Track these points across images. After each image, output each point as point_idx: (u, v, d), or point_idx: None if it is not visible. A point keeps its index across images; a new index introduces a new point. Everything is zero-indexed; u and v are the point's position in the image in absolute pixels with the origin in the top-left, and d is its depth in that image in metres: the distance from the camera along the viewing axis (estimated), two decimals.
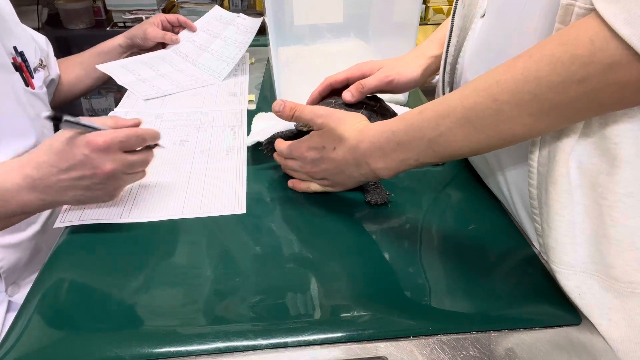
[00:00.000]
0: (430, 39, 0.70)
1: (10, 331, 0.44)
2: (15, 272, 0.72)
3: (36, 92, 0.80)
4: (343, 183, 0.57)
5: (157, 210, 0.59)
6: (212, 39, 1.05)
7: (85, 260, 0.52)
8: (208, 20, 1.09)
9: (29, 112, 0.76)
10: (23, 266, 0.73)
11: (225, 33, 1.05)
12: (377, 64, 0.67)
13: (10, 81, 0.74)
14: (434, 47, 0.69)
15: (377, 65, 0.66)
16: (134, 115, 0.82)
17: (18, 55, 0.78)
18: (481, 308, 0.46)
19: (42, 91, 0.82)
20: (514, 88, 0.39)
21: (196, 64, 1.01)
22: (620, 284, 0.42)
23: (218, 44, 1.03)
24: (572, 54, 0.35)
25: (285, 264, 0.51)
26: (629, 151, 0.39)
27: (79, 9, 1.79)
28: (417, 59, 0.68)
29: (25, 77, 0.78)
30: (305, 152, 0.57)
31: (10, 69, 0.75)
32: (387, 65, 0.66)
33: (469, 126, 0.42)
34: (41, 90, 0.82)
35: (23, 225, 0.72)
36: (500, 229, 0.56)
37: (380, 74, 0.65)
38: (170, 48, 1.06)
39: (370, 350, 0.42)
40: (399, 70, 0.65)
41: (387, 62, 0.67)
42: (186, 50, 1.04)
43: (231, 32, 1.04)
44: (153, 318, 0.45)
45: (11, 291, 0.71)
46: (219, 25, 1.07)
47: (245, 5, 1.66)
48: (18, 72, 0.77)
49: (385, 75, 0.65)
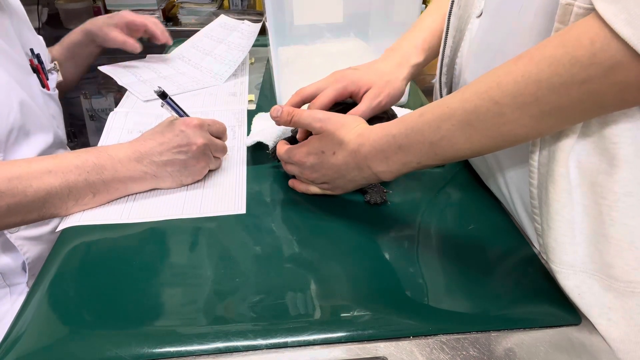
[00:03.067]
0: (415, 43, 0.67)
1: (10, 331, 0.44)
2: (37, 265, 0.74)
3: (50, 93, 0.82)
4: (343, 187, 0.57)
5: (157, 210, 0.59)
6: (216, 44, 1.05)
7: (85, 260, 0.52)
8: (213, 28, 1.10)
9: (45, 112, 0.78)
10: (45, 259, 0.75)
11: (229, 39, 1.05)
12: (362, 82, 0.62)
13: (29, 82, 0.77)
14: (417, 54, 0.66)
15: (362, 82, 0.62)
16: (134, 115, 0.82)
17: (34, 57, 0.80)
18: (481, 308, 0.46)
19: (54, 93, 0.84)
20: (515, 90, 0.38)
21: (198, 67, 1.01)
22: (619, 284, 0.42)
23: (222, 49, 1.03)
24: (573, 56, 0.35)
25: (285, 264, 0.51)
26: (628, 151, 0.40)
27: (79, 9, 1.79)
28: (401, 68, 0.65)
29: (42, 79, 0.80)
30: (303, 157, 0.56)
31: (29, 70, 0.77)
32: (375, 84, 0.63)
33: (470, 129, 0.42)
34: (54, 92, 0.84)
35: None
36: (500, 229, 0.56)
37: (372, 101, 0.62)
38: (174, 53, 1.07)
39: (370, 350, 0.42)
40: (388, 92, 0.63)
41: (371, 77, 0.63)
42: (189, 54, 1.05)
43: (235, 37, 1.05)
44: (153, 318, 0.45)
45: (31, 282, 0.73)
46: (223, 31, 1.08)
47: (245, 5, 1.66)
48: (35, 73, 0.79)
49: (378, 101, 0.62)
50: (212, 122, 0.64)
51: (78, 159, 0.58)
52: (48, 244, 0.75)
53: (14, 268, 0.71)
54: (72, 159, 0.57)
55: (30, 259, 0.71)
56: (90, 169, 0.57)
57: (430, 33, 0.67)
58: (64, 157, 0.58)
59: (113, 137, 0.75)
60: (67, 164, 0.57)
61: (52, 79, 0.84)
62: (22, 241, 0.70)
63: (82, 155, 0.58)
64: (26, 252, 0.71)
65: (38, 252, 0.73)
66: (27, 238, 0.71)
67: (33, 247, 0.72)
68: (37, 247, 0.73)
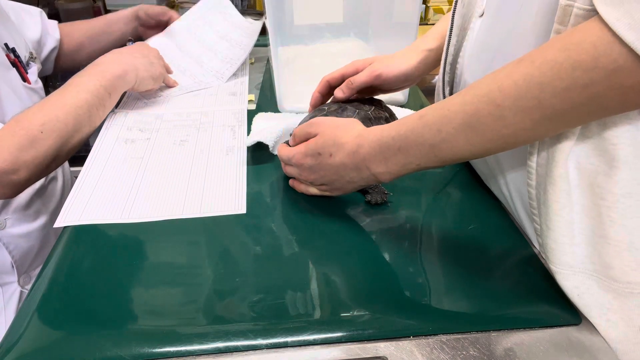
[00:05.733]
0: (426, 34, 0.70)
1: (10, 331, 0.44)
2: (26, 262, 0.75)
3: (33, 86, 0.81)
4: (342, 188, 0.57)
5: (157, 210, 0.59)
6: (218, 40, 1.03)
7: (85, 260, 0.52)
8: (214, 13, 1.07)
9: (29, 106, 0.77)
10: (34, 256, 0.76)
11: (231, 35, 1.04)
12: (369, 60, 0.67)
13: (10, 77, 0.76)
14: (428, 41, 0.69)
15: (369, 61, 0.67)
16: (134, 115, 0.82)
17: (10, 52, 0.79)
18: (481, 308, 0.46)
19: (38, 86, 0.83)
20: (517, 94, 0.38)
21: (200, 63, 1.00)
22: (618, 284, 0.42)
23: (224, 46, 1.02)
24: (575, 60, 0.35)
25: (285, 264, 0.51)
26: (627, 152, 0.40)
27: (79, 9, 1.79)
28: (410, 52, 0.68)
29: (21, 73, 0.79)
30: (301, 159, 0.56)
31: (7, 65, 0.77)
32: (378, 60, 0.67)
33: (470, 132, 0.42)
34: (37, 84, 0.83)
35: (32, 216, 0.76)
36: (500, 229, 0.56)
37: (368, 69, 0.65)
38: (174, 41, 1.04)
39: (370, 350, 0.42)
40: (387, 64, 0.66)
41: (380, 58, 0.68)
42: (190, 46, 1.03)
43: (237, 34, 1.04)
44: (153, 318, 0.45)
45: (23, 281, 0.74)
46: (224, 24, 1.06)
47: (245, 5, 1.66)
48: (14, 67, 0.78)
49: (373, 69, 0.65)
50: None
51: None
52: (36, 241, 0.77)
53: (3, 266, 0.71)
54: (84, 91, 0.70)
55: (18, 256, 0.72)
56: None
57: (442, 29, 0.69)
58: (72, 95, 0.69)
59: (112, 135, 0.75)
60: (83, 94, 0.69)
61: (32, 72, 0.83)
62: (9, 238, 0.71)
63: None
64: (13, 249, 0.71)
65: (26, 249, 0.73)
66: (14, 235, 0.72)
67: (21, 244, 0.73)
68: (25, 244, 0.73)
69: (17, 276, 0.72)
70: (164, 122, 0.80)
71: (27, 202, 0.75)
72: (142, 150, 0.72)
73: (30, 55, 0.85)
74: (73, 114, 0.67)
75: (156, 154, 0.71)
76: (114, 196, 0.61)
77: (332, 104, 0.66)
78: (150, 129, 0.78)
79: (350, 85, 0.64)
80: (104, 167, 0.67)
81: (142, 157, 0.70)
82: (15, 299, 0.73)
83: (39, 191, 0.78)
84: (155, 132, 0.77)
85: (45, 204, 0.80)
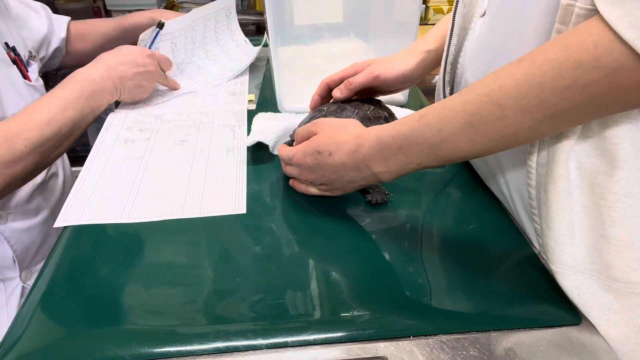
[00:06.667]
0: (425, 36, 0.71)
1: (10, 331, 0.44)
2: (27, 257, 0.75)
3: (33, 84, 0.81)
4: (342, 188, 0.56)
5: (157, 210, 0.59)
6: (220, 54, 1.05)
7: (85, 260, 0.52)
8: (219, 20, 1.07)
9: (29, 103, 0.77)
10: (35, 251, 0.77)
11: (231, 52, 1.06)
12: (368, 62, 0.67)
13: (11, 74, 0.76)
14: (427, 42, 0.69)
15: (368, 63, 0.67)
16: (134, 115, 0.82)
17: (10, 50, 0.79)
18: (481, 308, 0.46)
19: (38, 83, 0.83)
20: (518, 94, 0.38)
21: (198, 67, 1.00)
22: (619, 284, 0.42)
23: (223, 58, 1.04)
24: (576, 59, 0.35)
25: (285, 264, 0.51)
26: (628, 151, 0.39)
27: (79, 9, 1.79)
28: (408, 53, 0.68)
29: (22, 70, 0.79)
30: (302, 158, 0.56)
31: (8, 62, 0.77)
32: (377, 61, 0.67)
33: (471, 131, 0.42)
34: (37, 82, 0.83)
35: (33, 211, 0.76)
36: (500, 229, 0.56)
37: (367, 70, 0.65)
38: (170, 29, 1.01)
39: (370, 350, 0.42)
40: (385, 66, 0.66)
41: (379, 59, 0.68)
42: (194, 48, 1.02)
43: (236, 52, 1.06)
44: (153, 318, 0.45)
45: (24, 277, 0.75)
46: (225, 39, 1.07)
47: (245, 5, 1.66)
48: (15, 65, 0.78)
49: (372, 71, 0.65)
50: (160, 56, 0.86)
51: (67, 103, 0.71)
52: (38, 236, 0.77)
53: (4, 261, 0.71)
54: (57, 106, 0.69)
55: (19, 251, 0.72)
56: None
57: (442, 30, 0.69)
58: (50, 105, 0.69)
59: (112, 135, 0.75)
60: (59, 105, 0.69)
61: (32, 70, 0.83)
62: (10, 232, 0.71)
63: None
64: (14, 244, 0.71)
65: (27, 244, 0.73)
66: (16, 230, 0.72)
67: (22, 238, 0.73)
68: (26, 239, 0.73)
69: (18, 271, 0.72)
70: (164, 122, 0.80)
71: (28, 197, 0.75)
72: (142, 150, 0.72)
73: (30, 54, 0.85)
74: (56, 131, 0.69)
75: (156, 154, 0.71)
76: (114, 196, 0.61)
77: (331, 104, 0.66)
78: (150, 129, 0.78)
79: (348, 86, 0.64)
80: (104, 167, 0.67)
81: (142, 157, 0.70)
82: (17, 295, 0.73)
83: (40, 186, 0.78)
84: (155, 132, 0.77)
85: (46, 199, 0.80)
